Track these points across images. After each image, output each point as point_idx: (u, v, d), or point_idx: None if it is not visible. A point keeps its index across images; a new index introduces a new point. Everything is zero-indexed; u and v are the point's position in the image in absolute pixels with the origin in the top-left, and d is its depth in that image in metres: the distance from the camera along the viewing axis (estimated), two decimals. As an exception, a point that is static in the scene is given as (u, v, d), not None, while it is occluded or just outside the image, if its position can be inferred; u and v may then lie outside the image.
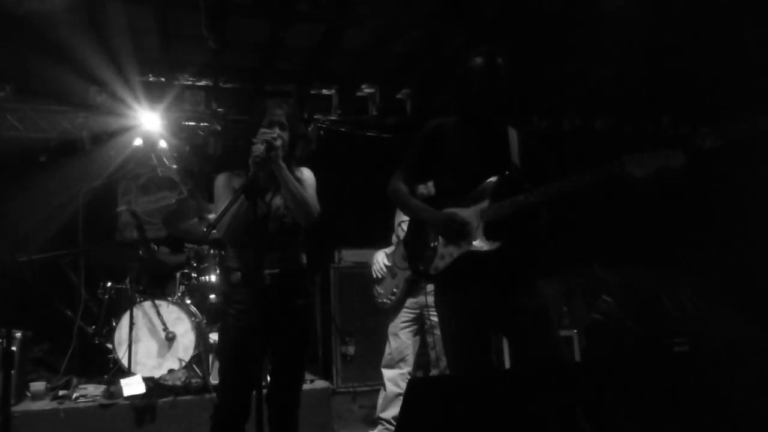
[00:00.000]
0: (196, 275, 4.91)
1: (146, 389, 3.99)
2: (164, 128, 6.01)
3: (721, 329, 5.11)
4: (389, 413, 3.93)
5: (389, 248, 4.18)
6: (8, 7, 4.62)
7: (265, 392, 2.68)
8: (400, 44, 5.40)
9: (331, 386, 4.75)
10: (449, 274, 2.57)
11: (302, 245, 2.87)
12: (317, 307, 5.60)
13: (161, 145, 6.02)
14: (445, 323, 2.64)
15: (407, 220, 4.00)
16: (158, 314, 4.52)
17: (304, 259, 2.87)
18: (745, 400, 2.92)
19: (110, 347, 4.50)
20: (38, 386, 4.09)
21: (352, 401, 5.09)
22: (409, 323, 4.00)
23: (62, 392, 4.08)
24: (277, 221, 2.72)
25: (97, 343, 4.79)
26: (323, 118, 6.35)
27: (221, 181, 2.84)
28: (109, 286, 4.84)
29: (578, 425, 1.98)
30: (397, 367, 3.98)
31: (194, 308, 4.73)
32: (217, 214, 2.49)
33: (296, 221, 2.73)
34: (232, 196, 2.53)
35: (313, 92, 6.33)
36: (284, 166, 2.64)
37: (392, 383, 3.98)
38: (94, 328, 4.83)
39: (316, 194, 2.83)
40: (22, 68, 5.53)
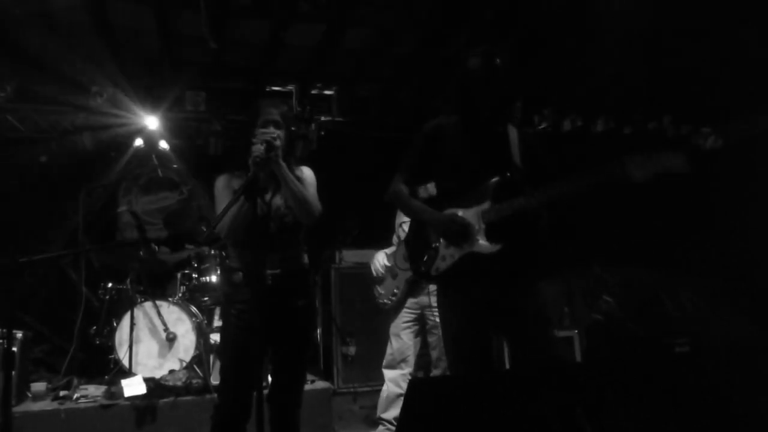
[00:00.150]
0: (197, 276, 4.91)
1: (147, 390, 3.99)
2: (165, 129, 6.01)
3: (721, 329, 5.11)
4: (391, 414, 3.94)
5: (389, 249, 4.19)
6: (8, 7, 4.63)
7: (266, 392, 2.69)
8: (400, 44, 5.40)
9: (331, 387, 4.76)
10: (450, 275, 2.57)
11: (304, 245, 2.87)
12: (319, 307, 5.61)
13: (162, 145, 6.02)
14: (446, 324, 2.64)
15: (408, 221, 4.02)
16: (159, 315, 4.52)
17: (305, 258, 2.86)
18: (745, 400, 2.92)
19: (111, 347, 4.51)
20: (39, 387, 4.09)
21: (353, 402, 5.08)
22: (410, 323, 4.01)
23: (63, 393, 4.08)
24: (277, 221, 2.71)
25: (97, 343, 4.80)
26: (324, 118, 6.35)
27: (221, 182, 2.84)
28: (110, 286, 4.85)
29: (579, 425, 1.98)
30: (398, 367, 3.99)
31: (195, 309, 4.74)
32: (217, 215, 2.49)
33: (297, 221, 2.73)
34: (232, 197, 2.53)
35: (313, 92, 6.33)
36: (284, 165, 2.64)
37: (393, 384, 3.98)
38: (95, 328, 4.84)
39: (316, 193, 2.83)
40: (22, 68, 5.54)
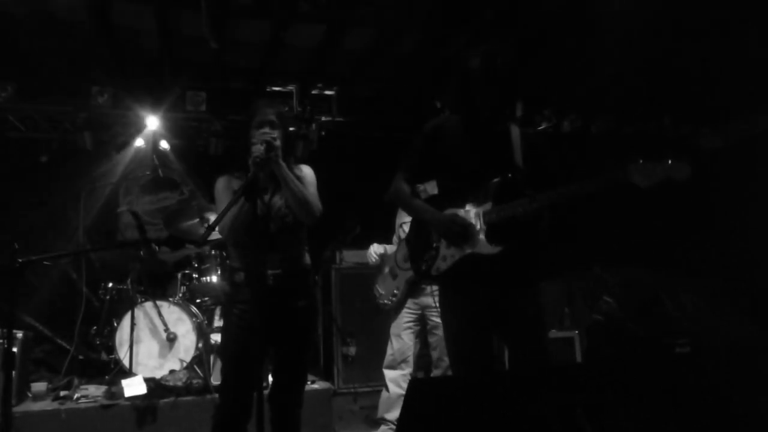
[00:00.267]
0: (197, 276, 4.92)
1: (147, 390, 3.99)
2: (165, 129, 6.01)
3: (721, 329, 5.11)
4: (394, 414, 3.93)
5: (389, 246, 4.20)
6: (9, 7, 4.63)
7: (267, 392, 2.69)
8: (400, 44, 5.40)
9: (332, 387, 4.76)
10: (451, 275, 2.57)
11: (305, 245, 2.87)
12: (319, 307, 5.60)
13: (163, 145, 6.02)
14: (446, 324, 2.64)
15: (408, 221, 4.02)
16: (159, 315, 4.52)
17: (307, 259, 2.87)
18: (745, 400, 2.92)
19: (111, 348, 4.51)
20: (39, 387, 4.09)
21: (353, 402, 5.08)
22: (411, 324, 4.01)
23: (63, 393, 4.08)
24: (278, 221, 2.72)
25: (98, 343, 4.80)
26: (324, 118, 6.35)
27: (221, 184, 2.85)
28: (110, 286, 4.85)
29: (579, 426, 1.98)
30: (399, 368, 3.99)
31: (195, 309, 4.74)
32: (217, 215, 2.49)
33: (297, 221, 2.73)
34: (232, 197, 2.54)
35: (313, 92, 6.34)
36: (284, 165, 2.64)
37: (395, 384, 3.99)
38: (95, 328, 4.84)
39: (317, 192, 2.83)
40: (23, 68, 5.55)
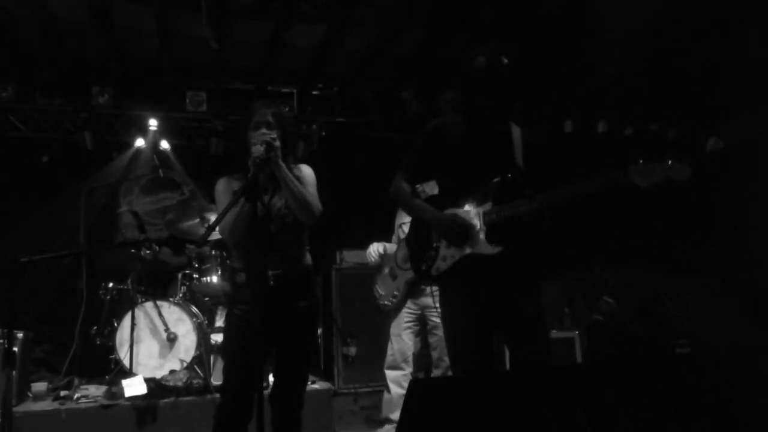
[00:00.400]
0: (197, 276, 4.92)
1: (147, 390, 4.00)
2: (166, 129, 6.01)
3: (721, 329, 5.12)
4: (398, 414, 3.93)
5: (390, 245, 4.20)
6: (10, 7, 4.64)
7: (268, 393, 2.69)
8: (401, 45, 5.41)
9: (332, 387, 4.76)
10: (451, 275, 2.57)
11: (306, 245, 2.88)
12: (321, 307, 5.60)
13: (163, 145, 6.03)
14: (447, 324, 2.64)
15: (408, 221, 4.01)
16: (160, 315, 4.53)
17: (308, 259, 2.87)
18: (745, 400, 2.93)
19: (112, 348, 4.51)
20: (40, 387, 4.09)
21: (353, 402, 5.08)
22: (410, 324, 4.01)
23: (64, 393, 4.08)
24: (278, 221, 2.72)
25: (98, 343, 4.80)
26: (325, 118, 6.36)
27: (221, 185, 2.85)
28: (110, 286, 4.85)
29: (579, 426, 1.99)
30: (399, 368, 4.00)
31: (195, 309, 4.74)
32: (217, 216, 2.49)
33: (298, 221, 2.73)
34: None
35: (314, 93, 6.34)
36: (284, 165, 2.65)
37: (396, 384, 3.99)
38: (95, 328, 4.84)
39: (316, 192, 2.83)
40: (24, 68, 5.55)
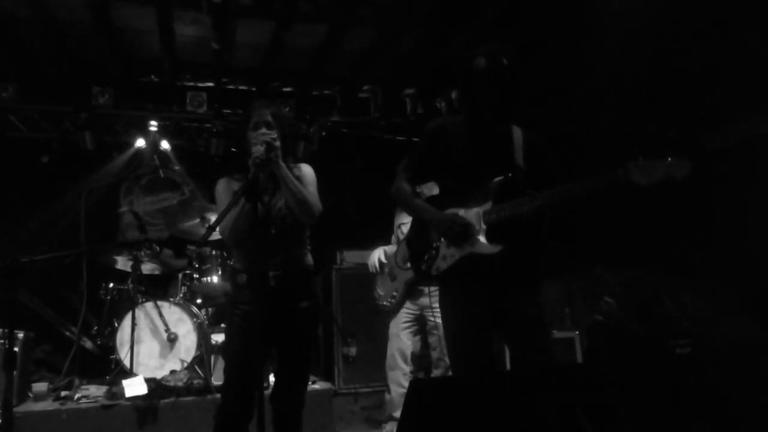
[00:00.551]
0: (198, 276, 4.92)
1: (148, 390, 4.00)
2: (166, 129, 6.02)
3: (721, 329, 5.12)
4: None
5: (389, 247, 4.20)
6: (11, 7, 4.64)
7: (269, 393, 2.70)
8: (401, 45, 5.41)
9: (332, 387, 4.77)
10: (451, 274, 2.57)
11: (307, 245, 2.88)
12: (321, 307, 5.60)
13: (163, 146, 6.03)
14: (447, 323, 2.64)
15: (407, 222, 4.02)
16: (160, 315, 4.53)
17: (309, 259, 2.87)
18: (745, 400, 2.92)
19: (112, 348, 4.52)
20: (40, 387, 4.09)
21: (354, 402, 5.08)
22: (409, 324, 4.02)
23: (64, 393, 4.08)
24: (278, 222, 2.72)
25: (99, 343, 4.80)
26: (325, 119, 6.36)
27: (221, 186, 2.86)
28: (111, 287, 4.86)
29: (579, 426, 1.99)
30: (399, 368, 4.00)
31: (196, 309, 4.75)
32: (217, 216, 2.50)
33: (298, 221, 2.73)
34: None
35: (314, 93, 6.35)
36: (284, 165, 2.65)
37: (397, 384, 4.01)
38: (96, 329, 4.84)
39: (317, 191, 2.83)
40: (24, 68, 5.55)
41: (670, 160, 2.17)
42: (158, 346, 4.53)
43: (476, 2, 4.71)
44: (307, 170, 2.87)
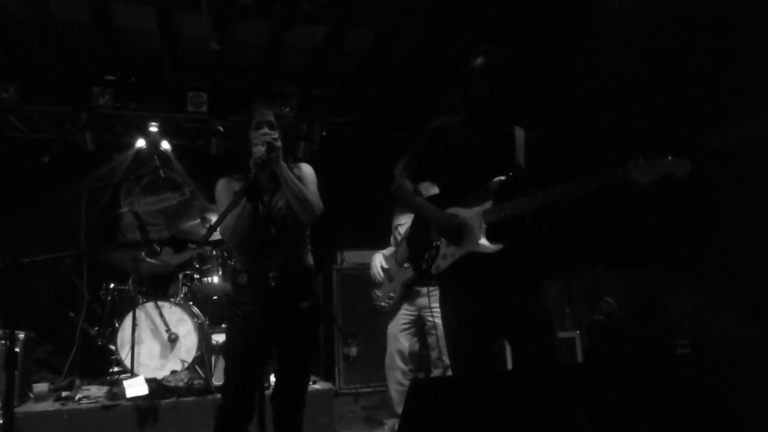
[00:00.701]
0: (198, 276, 4.92)
1: (149, 390, 4.00)
2: (166, 129, 6.02)
3: (721, 329, 5.12)
4: None
5: (387, 250, 4.20)
6: (11, 7, 4.65)
7: (270, 393, 2.70)
8: (401, 45, 5.41)
9: (333, 387, 4.76)
10: (451, 274, 2.58)
11: (307, 245, 2.88)
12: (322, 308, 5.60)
13: (164, 146, 6.03)
14: (447, 322, 2.64)
15: (405, 222, 4.02)
16: (161, 315, 4.53)
17: (310, 259, 2.87)
18: (745, 400, 2.93)
19: (113, 348, 4.52)
20: (41, 387, 4.09)
21: (354, 402, 5.09)
22: (408, 324, 4.02)
23: (65, 393, 4.08)
24: (279, 222, 2.72)
25: (100, 344, 4.80)
26: (325, 118, 6.36)
27: (221, 186, 2.86)
28: (111, 287, 4.86)
29: (579, 426, 1.99)
30: (398, 367, 4.00)
31: (197, 309, 4.75)
32: (218, 217, 2.50)
33: (299, 221, 2.73)
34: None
35: (315, 93, 6.35)
36: (285, 165, 2.65)
37: (397, 383, 4.01)
38: (97, 329, 4.84)
39: (317, 191, 2.83)
40: (25, 69, 5.56)
41: (670, 159, 2.18)
42: (159, 346, 4.53)
43: (476, 2, 4.71)
44: (307, 170, 2.87)
